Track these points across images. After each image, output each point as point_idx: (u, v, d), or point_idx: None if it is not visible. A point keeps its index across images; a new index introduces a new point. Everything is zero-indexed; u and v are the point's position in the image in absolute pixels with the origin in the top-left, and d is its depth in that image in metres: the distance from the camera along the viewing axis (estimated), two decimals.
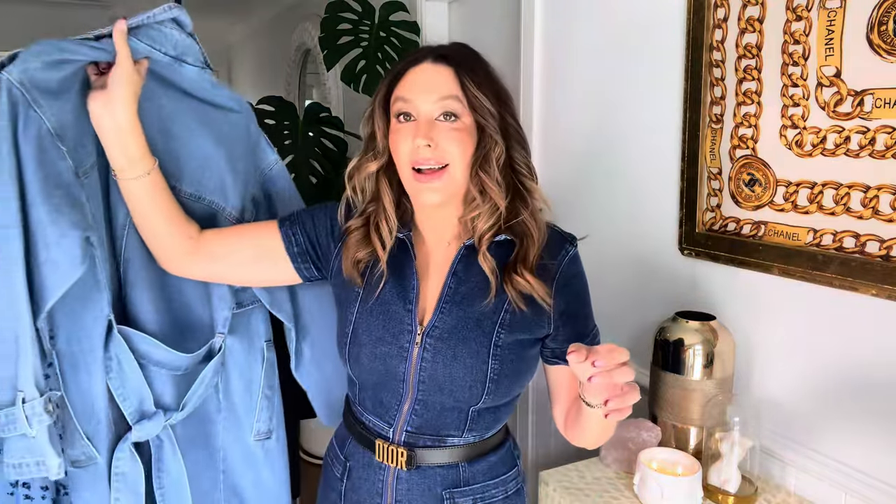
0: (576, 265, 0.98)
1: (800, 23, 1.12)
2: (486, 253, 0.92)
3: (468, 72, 0.90)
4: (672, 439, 1.27)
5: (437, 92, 0.89)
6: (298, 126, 2.44)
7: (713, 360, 1.22)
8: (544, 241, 0.94)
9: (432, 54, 0.92)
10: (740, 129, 1.25)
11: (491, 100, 0.90)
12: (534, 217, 0.94)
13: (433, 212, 0.98)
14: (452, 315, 0.94)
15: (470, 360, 0.92)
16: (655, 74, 1.45)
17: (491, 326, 0.93)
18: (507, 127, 0.93)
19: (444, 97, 0.89)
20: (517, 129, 0.94)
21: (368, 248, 0.97)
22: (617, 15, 1.55)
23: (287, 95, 4.25)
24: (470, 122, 0.90)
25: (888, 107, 1.01)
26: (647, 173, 1.49)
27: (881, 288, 1.04)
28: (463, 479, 0.97)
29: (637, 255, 1.54)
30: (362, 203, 0.99)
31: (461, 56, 0.93)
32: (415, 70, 0.91)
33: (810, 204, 1.14)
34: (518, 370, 0.96)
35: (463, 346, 0.92)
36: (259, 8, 4.76)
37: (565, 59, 1.75)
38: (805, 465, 1.18)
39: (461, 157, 0.90)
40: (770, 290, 1.23)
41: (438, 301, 0.95)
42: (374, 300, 0.97)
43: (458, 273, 0.95)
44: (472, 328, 0.93)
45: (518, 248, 0.93)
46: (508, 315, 0.93)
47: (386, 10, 2.30)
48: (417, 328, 0.94)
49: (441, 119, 0.89)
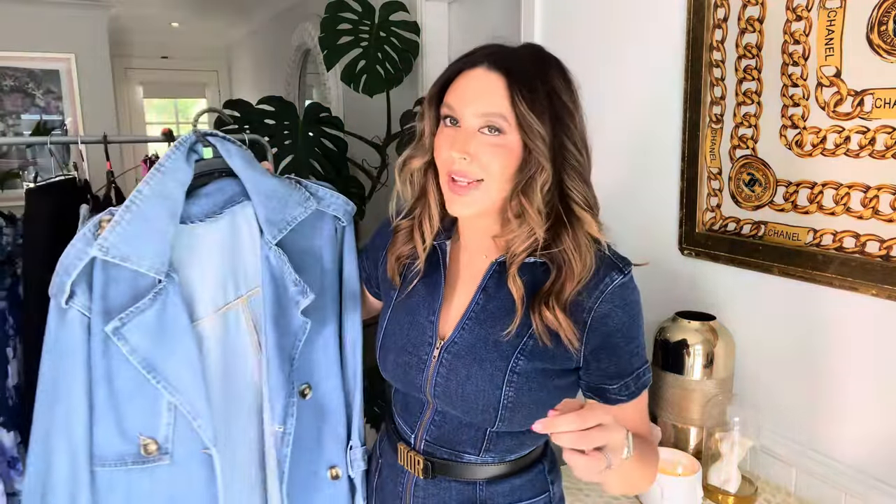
0: (621, 296, 0.85)
1: (800, 23, 1.12)
2: (515, 275, 0.86)
3: (523, 86, 0.81)
4: (672, 439, 1.27)
5: (483, 105, 0.81)
6: (298, 126, 2.44)
7: (713, 360, 1.22)
8: (587, 276, 0.84)
9: (489, 59, 0.83)
10: (740, 129, 1.25)
11: (545, 120, 0.81)
12: (577, 249, 0.83)
13: (471, 221, 0.93)
14: (473, 333, 0.89)
15: (483, 382, 0.86)
16: (655, 74, 1.45)
17: (510, 350, 0.86)
18: (563, 151, 0.83)
19: (489, 112, 0.81)
20: (576, 154, 0.84)
21: (410, 245, 0.96)
22: (617, 15, 1.55)
23: (287, 95, 4.25)
24: (516, 139, 0.82)
25: (888, 107, 1.01)
26: (646, 173, 1.49)
27: (881, 288, 1.04)
28: (480, 498, 0.92)
29: (637, 255, 1.54)
30: (411, 197, 0.96)
31: (521, 65, 0.83)
32: (467, 75, 0.84)
33: (810, 204, 1.14)
34: (539, 400, 0.86)
35: (478, 367, 0.87)
36: (259, 8, 4.77)
37: (565, 58, 1.74)
38: (805, 465, 1.18)
39: (499, 174, 0.83)
40: (770, 290, 1.23)
41: (462, 316, 0.90)
42: (403, 307, 0.96)
43: (489, 289, 0.90)
44: (489, 350, 0.87)
45: (554, 279, 0.84)
46: (532, 342, 0.85)
47: (386, 10, 2.30)
48: (437, 342, 0.91)
49: (484, 132, 0.82)
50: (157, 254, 0.86)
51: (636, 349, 0.88)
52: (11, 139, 4.54)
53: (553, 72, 0.85)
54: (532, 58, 0.85)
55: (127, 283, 0.86)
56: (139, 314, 0.86)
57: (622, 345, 0.86)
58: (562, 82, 0.85)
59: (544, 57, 0.87)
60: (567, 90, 0.85)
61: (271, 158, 1.99)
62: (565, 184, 0.84)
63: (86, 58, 4.84)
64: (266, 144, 1.96)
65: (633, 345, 0.87)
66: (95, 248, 0.83)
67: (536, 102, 0.81)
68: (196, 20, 5.52)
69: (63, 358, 0.86)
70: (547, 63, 0.86)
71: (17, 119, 4.80)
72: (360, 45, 2.27)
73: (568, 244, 0.83)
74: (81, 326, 0.86)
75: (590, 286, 0.84)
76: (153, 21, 5.55)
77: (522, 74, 0.82)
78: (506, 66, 0.82)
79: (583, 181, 0.85)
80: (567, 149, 0.83)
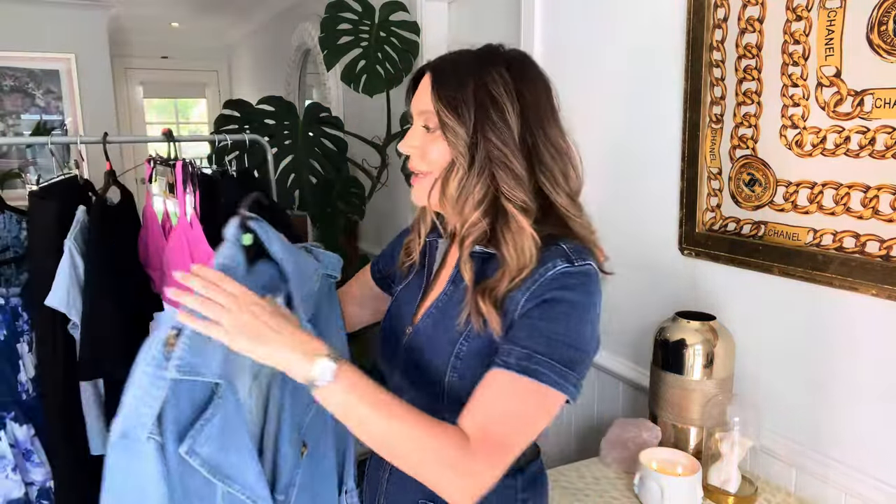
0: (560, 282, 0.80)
1: (800, 23, 1.12)
2: (465, 261, 0.87)
3: (442, 83, 0.84)
4: (672, 439, 1.27)
5: (418, 104, 0.88)
6: (298, 126, 2.44)
7: (713, 360, 1.22)
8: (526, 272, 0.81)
9: (434, 61, 0.89)
10: (740, 129, 1.25)
11: (462, 116, 0.82)
12: (514, 247, 0.82)
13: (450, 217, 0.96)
14: (434, 321, 0.91)
15: (433, 368, 0.88)
16: (655, 74, 1.45)
17: (457, 337, 0.86)
18: (486, 147, 0.82)
19: (422, 110, 0.87)
20: (503, 150, 0.82)
21: (414, 235, 1.02)
22: (617, 15, 1.55)
23: (287, 95, 4.25)
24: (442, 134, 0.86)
25: (888, 107, 1.01)
26: (647, 173, 1.49)
27: (881, 288, 1.04)
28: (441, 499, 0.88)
29: (637, 255, 1.54)
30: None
31: (452, 64, 0.86)
32: (422, 78, 0.90)
33: (810, 204, 1.14)
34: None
35: (431, 353, 0.89)
36: (259, 8, 4.76)
37: (565, 59, 1.75)
38: (805, 465, 1.18)
39: (439, 167, 0.86)
40: (770, 290, 1.23)
41: (431, 304, 0.93)
42: (397, 298, 1.02)
43: (457, 281, 0.91)
44: (441, 336, 0.88)
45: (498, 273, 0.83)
46: (475, 330, 0.84)
47: (386, 10, 2.30)
48: (408, 330, 0.95)
49: (425, 128, 0.88)
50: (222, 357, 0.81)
51: (550, 335, 0.78)
52: (11, 139, 4.54)
53: (493, 69, 0.83)
54: (473, 56, 0.86)
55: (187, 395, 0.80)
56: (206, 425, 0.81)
57: (536, 318, 0.79)
58: (501, 78, 0.83)
59: (492, 55, 0.86)
60: (506, 87, 0.83)
61: (271, 158, 1.99)
62: (497, 181, 0.83)
63: (86, 58, 4.84)
64: (266, 144, 1.96)
65: (549, 328, 0.78)
66: (173, 371, 0.76)
67: (455, 98, 0.82)
68: (196, 20, 5.52)
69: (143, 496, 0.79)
70: (489, 61, 0.85)
71: (17, 119, 4.79)
72: (360, 45, 2.27)
73: (503, 241, 0.83)
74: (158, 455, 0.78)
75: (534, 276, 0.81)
76: (153, 21, 5.54)
77: (446, 73, 0.85)
78: (436, 66, 0.86)
79: (514, 179, 0.83)
80: (492, 144, 0.82)
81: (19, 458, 1.59)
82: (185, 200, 1.70)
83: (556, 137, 0.87)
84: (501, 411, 0.78)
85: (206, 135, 2.30)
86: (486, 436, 0.76)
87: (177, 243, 1.70)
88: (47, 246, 1.56)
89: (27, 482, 1.63)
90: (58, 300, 1.55)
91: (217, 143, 1.88)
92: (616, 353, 1.62)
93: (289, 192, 2.41)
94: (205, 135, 2.40)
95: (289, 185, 2.41)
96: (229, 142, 1.87)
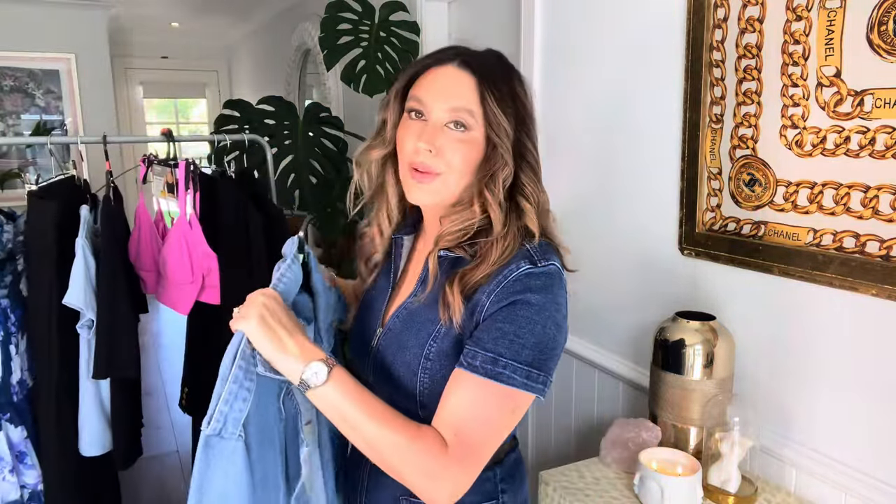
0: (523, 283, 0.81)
1: (800, 23, 1.12)
2: (435, 254, 0.88)
3: (491, 86, 0.85)
4: (672, 439, 1.27)
5: (453, 100, 0.85)
6: (298, 126, 2.44)
7: (713, 360, 1.22)
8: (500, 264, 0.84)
9: (459, 58, 0.87)
10: (740, 129, 1.25)
11: (510, 119, 0.86)
12: (505, 237, 0.85)
13: (432, 213, 0.96)
14: (403, 321, 0.91)
15: (403, 368, 0.89)
16: (655, 74, 1.45)
17: (426, 337, 0.87)
18: (522, 149, 0.88)
19: (459, 108, 0.85)
20: (533, 153, 0.89)
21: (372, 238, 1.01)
22: (617, 15, 1.55)
23: (287, 95, 4.25)
24: (480, 135, 0.86)
25: (888, 107, 1.01)
26: (647, 173, 1.49)
27: (881, 288, 1.04)
28: None
29: (637, 255, 1.54)
30: (368, 189, 0.99)
31: (489, 66, 0.88)
32: (437, 70, 0.88)
33: (810, 204, 1.14)
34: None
35: (401, 353, 0.89)
36: (259, 8, 4.77)
37: (565, 59, 1.75)
38: (805, 465, 1.18)
39: (460, 169, 0.86)
40: (770, 290, 1.23)
41: (400, 305, 0.93)
42: (365, 299, 1.02)
43: (426, 281, 0.91)
44: (411, 336, 0.89)
45: (468, 265, 0.86)
46: (443, 328, 0.86)
47: (386, 10, 2.30)
48: (378, 330, 0.95)
49: (451, 127, 0.86)
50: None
51: (514, 337, 0.79)
52: (11, 139, 4.55)
53: (515, 77, 0.90)
54: (496, 61, 0.90)
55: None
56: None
57: (501, 321, 0.80)
58: (521, 88, 0.90)
59: (507, 63, 0.91)
60: (526, 96, 0.90)
61: (271, 158, 1.99)
62: (520, 179, 0.88)
63: (86, 58, 4.84)
64: (266, 144, 1.96)
65: (512, 330, 0.80)
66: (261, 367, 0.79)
67: (502, 101, 0.86)
68: (196, 20, 5.52)
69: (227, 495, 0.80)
70: (510, 69, 0.91)
71: (17, 119, 4.80)
72: (360, 45, 2.27)
73: (500, 231, 0.85)
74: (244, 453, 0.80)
75: (499, 273, 0.83)
76: (153, 21, 5.55)
77: (491, 75, 0.87)
78: (476, 66, 0.87)
79: (536, 178, 0.90)
80: (526, 147, 0.88)
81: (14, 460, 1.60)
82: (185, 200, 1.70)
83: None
84: (473, 417, 0.80)
85: (205, 135, 2.30)
86: (460, 441, 0.78)
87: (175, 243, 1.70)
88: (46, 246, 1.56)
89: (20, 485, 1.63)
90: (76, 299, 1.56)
91: (217, 143, 1.88)
92: (616, 353, 1.62)
93: (289, 192, 2.41)
94: (205, 135, 2.40)
95: (289, 185, 2.41)
96: (229, 142, 1.87)
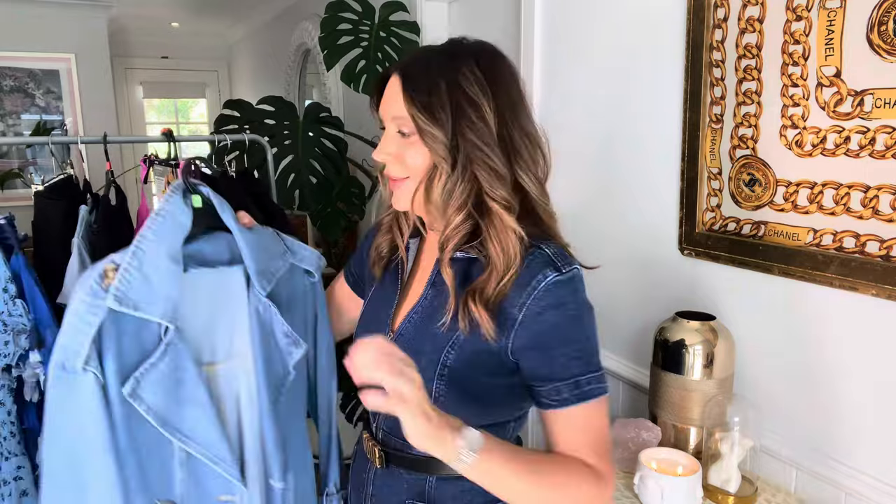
0: (556, 294, 0.81)
1: (800, 23, 1.12)
2: (446, 264, 0.87)
3: (414, 86, 0.83)
4: (672, 439, 1.27)
5: (392, 109, 0.85)
6: (298, 126, 2.44)
7: (713, 360, 1.22)
8: (514, 272, 0.82)
9: (398, 66, 0.86)
10: (740, 129, 1.25)
11: (440, 118, 0.81)
12: (498, 245, 0.83)
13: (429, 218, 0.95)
14: (416, 326, 0.91)
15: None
16: (655, 74, 1.45)
17: (444, 343, 0.86)
18: (466, 147, 0.82)
19: (396, 116, 0.85)
20: (484, 149, 0.82)
21: (388, 236, 1.00)
22: (617, 15, 1.55)
23: (287, 95, 4.25)
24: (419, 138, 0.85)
25: (888, 107, 1.01)
26: (646, 173, 1.49)
27: (881, 288, 1.04)
28: (429, 495, 0.92)
29: (637, 255, 1.54)
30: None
31: (420, 65, 0.85)
32: (389, 81, 0.87)
33: (810, 204, 1.14)
34: (474, 397, 0.86)
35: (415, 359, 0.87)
36: (259, 8, 4.77)
37: (565, 59, 1.75)
38: (805, 465, 1.18)
39: (419, 172, 0.86)
40: (770, 290, 1.23)
41: (411, 310, 0.93)
42: (372, 302, 1.01)
43: (437, 284, 0.91)
44: (426, 342, 0.88)
45: (482, 274, 0.84)
46: (462, 336, 0.85)
47: (386, 10, 2.30)
48: (389, 335, 0.94)
49: (400, 134, 0.86)
50: (166, 299, 0.81)
51: (576, 353, 0.82)
52: (11, 139, 4.54)
53: (464, 65, 0.83)
54: (438, 54, 0.85)
55: (132, 336, 0.81)
56: (153, 369, 0.80)
57: (555, 345, 0.82)
58: (473, 75, 0.82)
59: (458, 50, 0.85)
60: (479, 83, 0.82)
61: (271, 158, 1.99)
62: (479, 180, 0.83)
63: (86, 58, 4.83)
64: (266, 144, 1.96)
65: (571, 348, 0.82)
66: (111, 299, 0.77)
67: (430, 101, 0.81)
68: (196, 20, 5.52)
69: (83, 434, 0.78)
70: (456, 57, 0.84)
71: (17, 119, 4.79)
72: (360, 45, 2.27)
73: (490, 240, 0.83)
74: (99, 392, 0.78)
75: (521, 283, 0.82)
76: (153, 21, 5.54)
77: (416, 74, 0.83)
78: (403, 68, 0.85)
79: (496, 177, 0.83)
80: (472, 144, 0.82)
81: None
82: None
83: (528, 126, 0.87)
84: (593, 438, 0.84)
85: (206, 135, 2.30)
86: (601, 460, 0.83)
87: None
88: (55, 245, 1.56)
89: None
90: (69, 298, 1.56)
91: (217, 143, 1.87)
92: (616, 353, 1.62)
93: (289, 192, 2.41)
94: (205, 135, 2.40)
95: (289, 185, 2.41)
96: (229, 142, 1.87)
